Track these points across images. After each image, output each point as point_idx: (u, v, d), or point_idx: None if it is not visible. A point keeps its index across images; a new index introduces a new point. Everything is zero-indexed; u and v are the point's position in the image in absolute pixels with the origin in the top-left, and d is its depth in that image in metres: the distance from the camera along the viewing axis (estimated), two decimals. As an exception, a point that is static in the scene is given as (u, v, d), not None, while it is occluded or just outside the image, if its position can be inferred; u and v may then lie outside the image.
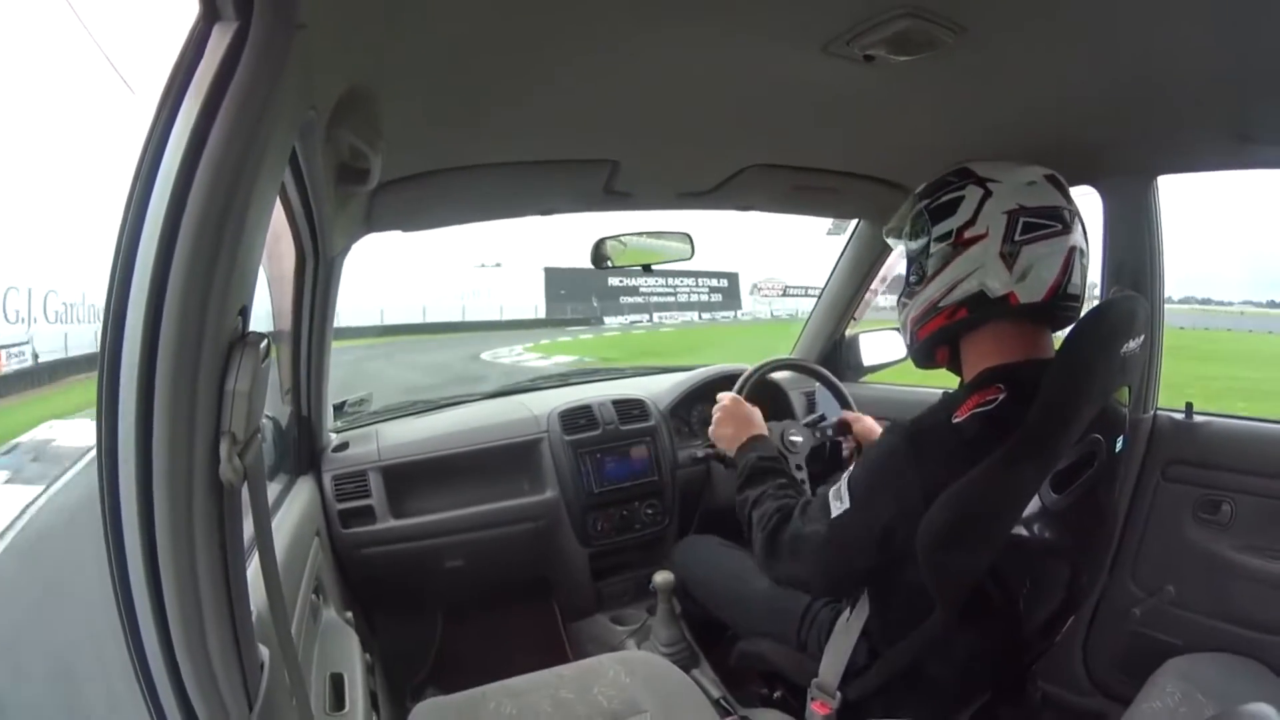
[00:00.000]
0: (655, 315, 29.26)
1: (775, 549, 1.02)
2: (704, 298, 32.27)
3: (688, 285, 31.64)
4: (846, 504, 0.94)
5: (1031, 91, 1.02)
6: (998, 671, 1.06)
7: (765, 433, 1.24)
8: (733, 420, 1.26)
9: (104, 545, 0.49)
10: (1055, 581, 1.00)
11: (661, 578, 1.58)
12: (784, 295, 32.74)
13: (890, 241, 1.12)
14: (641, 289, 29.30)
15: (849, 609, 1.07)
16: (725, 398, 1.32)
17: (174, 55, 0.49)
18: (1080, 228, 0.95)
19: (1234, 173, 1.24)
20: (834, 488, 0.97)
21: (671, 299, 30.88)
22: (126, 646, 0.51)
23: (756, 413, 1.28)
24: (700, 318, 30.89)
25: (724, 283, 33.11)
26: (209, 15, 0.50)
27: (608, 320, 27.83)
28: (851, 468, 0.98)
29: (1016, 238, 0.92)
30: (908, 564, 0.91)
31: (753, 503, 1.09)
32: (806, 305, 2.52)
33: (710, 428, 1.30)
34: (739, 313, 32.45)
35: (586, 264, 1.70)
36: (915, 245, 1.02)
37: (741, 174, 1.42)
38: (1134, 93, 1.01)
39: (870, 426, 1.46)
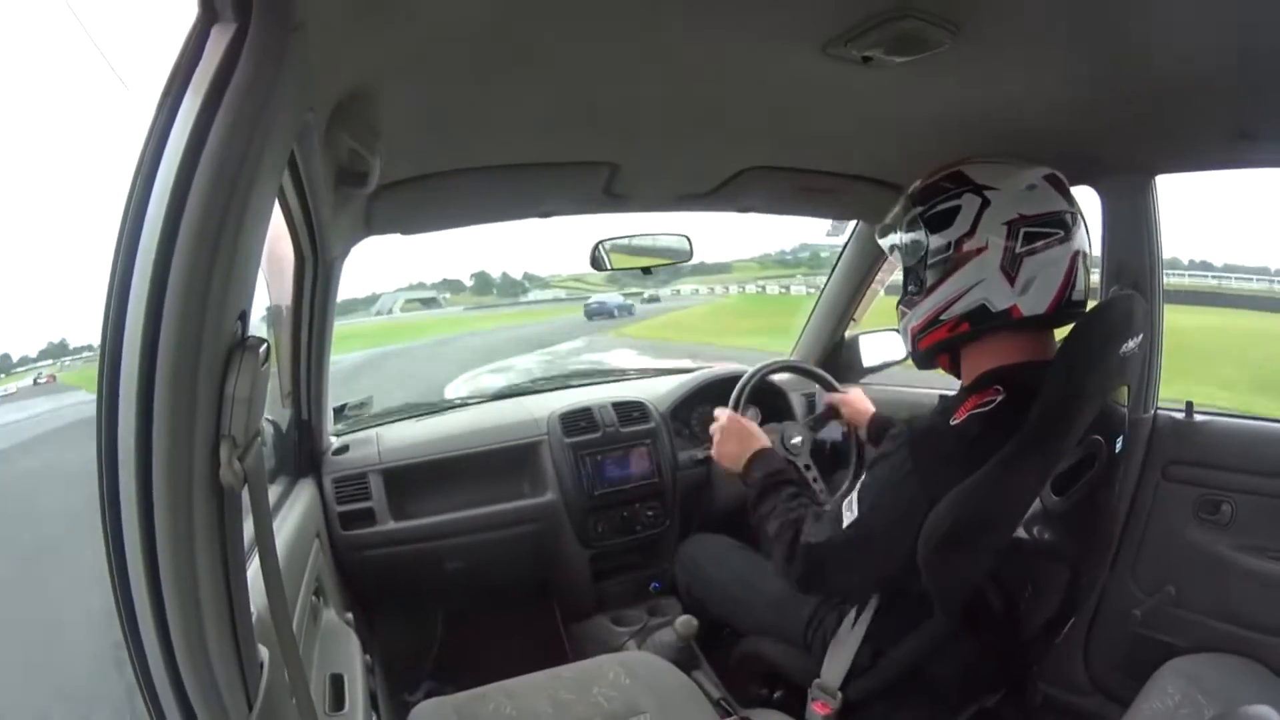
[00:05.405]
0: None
1: (793, 558, 1.02)
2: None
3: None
4: (855, 513, 0.95)
5: (1029, 91, 1.01)
6: (999, 673, 1.06)
7: (767, 443, 1.24)
8: (733, 437, 1.26)
9: (104, 547, 0.49)
10: (1056, 584, 1.00)
11: (683, 622, 1.48)
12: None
13: (881, 242, 1.11)
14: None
15: (855, 611, 1.07)
16: (722, 415, 1.30)
17: (173, 56, 0.49)
18: (1082, 229, 0.94)
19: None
20: (846, 499, 0.98)
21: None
22: (126, 647, 0.51)
23: (754, 426, 1.28)
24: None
25: None
26: (208, 16, 0.50)
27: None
28: (864, 477, 0.98)
29: (1018, 250, 0.90)
30: (912, 567, 0.91)
31: (766, 518, 1.10)
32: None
33: (712, 449, 1.29)
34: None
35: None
36: (912, 254, 1.01)
37: (740, 175, 1.42)
38: (1132, 91, 1.01)
39: (857, 405, 1.46)
